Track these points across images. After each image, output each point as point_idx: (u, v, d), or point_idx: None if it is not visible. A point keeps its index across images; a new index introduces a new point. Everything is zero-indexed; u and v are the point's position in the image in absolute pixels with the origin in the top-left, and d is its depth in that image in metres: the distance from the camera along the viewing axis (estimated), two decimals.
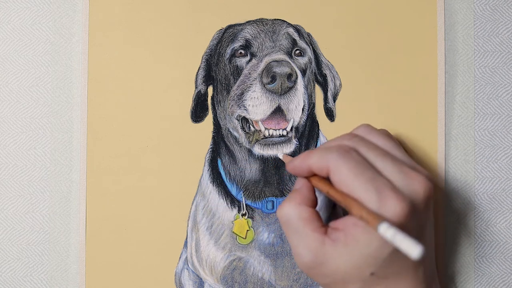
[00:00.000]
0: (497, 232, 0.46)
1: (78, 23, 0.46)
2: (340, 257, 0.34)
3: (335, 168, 0.35)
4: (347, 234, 0.34)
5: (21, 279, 0.46)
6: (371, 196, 0.33)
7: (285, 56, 0.45)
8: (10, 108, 0.46)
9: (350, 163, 0.35)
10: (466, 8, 0.47)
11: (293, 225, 0.36)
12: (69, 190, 0.46)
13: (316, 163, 0.36)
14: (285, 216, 0.37)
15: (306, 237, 0.35)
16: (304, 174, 0.38)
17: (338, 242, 0.35)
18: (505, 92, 0.47)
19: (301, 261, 0.36)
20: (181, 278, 0.46)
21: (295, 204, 0.37)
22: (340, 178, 0.35)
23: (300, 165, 0.38)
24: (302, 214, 0.36)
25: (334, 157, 0.35)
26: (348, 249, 0.34)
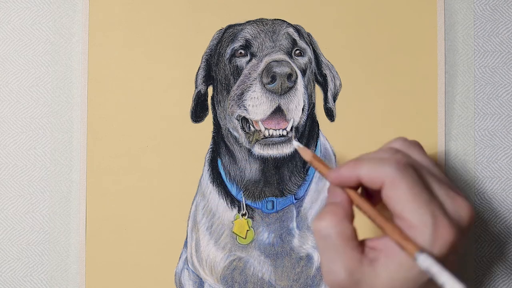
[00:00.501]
0: (497, 232, 0.46)
1: (78, 23, 0.46)
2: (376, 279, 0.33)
3: (392, 183, 0.33)
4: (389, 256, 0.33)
5: (21, 279, 0.46)
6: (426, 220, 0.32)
7: (285, 56, 0.45)
8: (10, 108, 0.46)
9: (409, 180, 0.33)
10: (466, 8, 0.47)
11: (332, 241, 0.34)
12: (69, 190, 0.46)
13: (369, 174, 0.34)
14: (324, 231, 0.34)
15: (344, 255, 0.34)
16: (349, 184, 0.35)
17: (377, 263, 0.33)
18: (505, 92, 0.47)
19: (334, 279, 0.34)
20: (181, 278, 0.46)
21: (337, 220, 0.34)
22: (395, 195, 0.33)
23: (348, 174, 0.35)
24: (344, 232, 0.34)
25: (392, 170, 0.33)
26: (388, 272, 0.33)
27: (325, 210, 0.35)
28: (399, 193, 0.33)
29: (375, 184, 0.34)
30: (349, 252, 0.34)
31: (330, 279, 0.34)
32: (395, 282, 0.33)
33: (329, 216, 0.35)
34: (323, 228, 0.34)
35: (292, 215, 0.46)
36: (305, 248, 0.46)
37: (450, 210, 0.34)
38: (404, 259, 0.33)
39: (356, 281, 0.33)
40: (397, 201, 0.33)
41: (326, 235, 0.34)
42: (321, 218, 0.35)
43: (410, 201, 0.33)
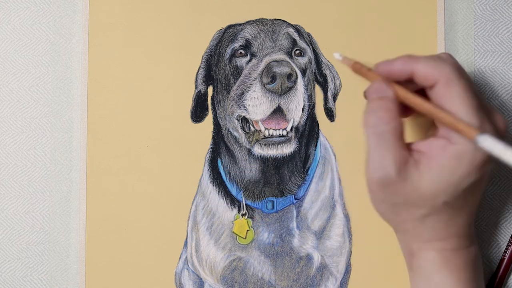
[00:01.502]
0: (497, 232, 0.46)
1: (78, 23, 0.46)
2: (420, 180, 0.34)
3: (448, 82, 0.33)
4: (432, 158, 0.34)
5: (21, 279, 0.46)
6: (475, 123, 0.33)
7: (285, 56, 0.45)
8: (10, 108, 0.46)
9: (465, 83, 0.34)
10: (466, 8, 0.47)
11: (386, 138, 0.34)
12: (69, 190, 0.46)
13: (425, 69, 0.34)
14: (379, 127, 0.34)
15: (395, 152, 0.34)
16: (398, 78, 0.35)
17: (421, 164, 0.34)
18: (505, 92, 0.47)
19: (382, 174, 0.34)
20: (181, 278, 0.46)
21: (391, 116, 0.34)
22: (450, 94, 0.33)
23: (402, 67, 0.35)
24: (397, 129, 0.34)
25: (450, 70, 0.34)
26: (431, 174, 0.34)
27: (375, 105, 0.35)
28: (454, 93, 0.33)
29: (428, 81, 0.34)
30: (400, 150, 0.34)
31: (377, 174, 0.34)
32: (436, 185, 0.34)
33: (383, 111, 0.35)
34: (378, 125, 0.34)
35: (292, 215, 0.46)
36: (305, 248, 0.46)
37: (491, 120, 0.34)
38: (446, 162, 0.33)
39: (403, 179, 0.34)
40: (449, 100, 0.33)
41: (380, 132, 0.34)
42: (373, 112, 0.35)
43: (463, 102, 0.33)
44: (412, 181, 0.34)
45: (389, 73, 0.36)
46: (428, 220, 0.35)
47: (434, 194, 0.34)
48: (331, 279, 0.46)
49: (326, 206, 0.46)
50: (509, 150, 0.30)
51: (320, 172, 0.46)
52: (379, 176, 0.34)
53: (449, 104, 0.33)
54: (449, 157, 0.33)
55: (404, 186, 0.34)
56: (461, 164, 0.33)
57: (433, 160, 0.34)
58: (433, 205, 0.34)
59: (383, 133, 0.34)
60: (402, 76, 0.36)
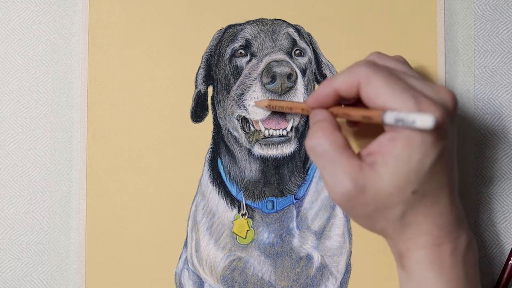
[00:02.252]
0: (497, 232, 0.46)
1: (78, 23, 0.46)
2: (380, 180, 0.33)
3: (367, 80, 0.34)
4: (385, 153, 0.34)
5: (21, 279, 0.46)
6: (409, 104, 0.33)
7: (285, 56, 0.45)
8: (10, 108, 0.46)
9: (383, 73, 0.34)
10: (466, 8, 0.47)
11: (329, 154, 0.34)
12: (69, 190, 0.46)
13: (344, 82, 0.35)
14: (319, 146, 0.35)
15: (343, 165, 0.34)
16: (329, 101, 0.36)
17: (376, 164, 0.34)
18: (505, 92, 0.47)
19: (340, 192, 0.34)
20: (181, 278, 0.46)
21: (327, 133, 0.35)
22: (373, 90, 0.34)
23: (325, 90, 0.36)
24: (337, 142, 0.35)
25: (364, 70, 0.34)
26: (388, 169, 0.33)
27: (312, 129, 0.36)
28: (375, 88, 0.34)
29: (352, 89, 0.35)
30: (348, 160, 0.34)
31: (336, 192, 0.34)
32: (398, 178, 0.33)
33: (318, 132, 0.35)
34: (317, 144, 0.35)
35: (292, 215, 0.46)
36: (305, 248, 0.46)
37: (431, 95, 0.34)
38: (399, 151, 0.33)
39: (362, 188, 0.34)
40: (376, 95, 0.34)
41: (321, 151, 0.35)
42: (311, 136, 0.36)
43: (388, 91, 0.33)
44: (373, 185, 0.33)
45: (319, 103, 0.37)
46: (406, 218, 0.35)
47: (399, 187, 0.33)
48: (331, 279, 0.46)
49: (326, 206, 0.46)
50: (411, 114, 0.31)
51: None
52: (339, 194, 0.34)
53: (378, 99, 0.34)
54: (400, 145, 0.33)
55: (366, 194, 0.34)
56: (413, 148, 0.33)
57: (386, 155, 0.33)
58: (404, 199, 0.34)
59: (324, 151, 0.35)
60: (330, 99, 0.36)
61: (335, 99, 0.36)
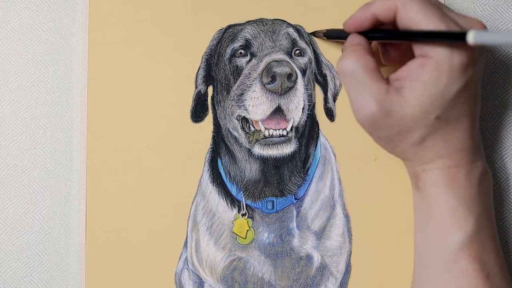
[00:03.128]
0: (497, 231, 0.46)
1: (78, 23, 0.46)
2: (406, 104, 0.35)
3: (404, 5, 0.35)
4: (413, 79, 0.35)
5: (21, 279, 0.46)
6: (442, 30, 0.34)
7: (285, 56, 0.45)
8: (10, 108, 0.46)
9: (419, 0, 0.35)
10: (466, 8, 0.47)
11: (357, 75, 0.36)
12: (69, 190, 0.46)
13: (382, 5, 0.36)
14: (348, 66, 0.36)
15: (371, 87, 0.35)
16: (366, 25, 0.38)
17: (403, 89, 0.35)
18: (505, 92, 0.47)
19: (366, 113, 0.35)
20: (181, 278, 0.46)
21: (359, 54, 0.36)
22: (409, 16, 0.35)
23: (363, 14, 0.38)
24: (367, 64, 0.36)
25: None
26: (415, 93, 0.34)
27: (345, 51, 0.37)
28: (412, 13, 0.35)
29: (389, 12, 0.36)
30: (375, 83, 0.35)
31: (362, 114, 0.36)
32: (424, 102, 0.34)
33: (350, 53, 0.36)
34: (347, 65, 0.36)
35: (292, 215, 0.46)
36: (305, 248, 0.46)
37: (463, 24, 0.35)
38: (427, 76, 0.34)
39: (387, 111, 0.35)
40: (412, 20, 0.35)
41: (350, 71, 0.36)
42: (343, 57, 0.37)
43: (423, 18, 0.34)
44: (398, 108, 0.35)
45: (356, 26, 0.38)
46: (426, 141, 0.36)
47: (424, 112, 0.35)
48: (331, 279, 0.46)
49: (326, 206, 0.46)
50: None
51: (320, 172, 0.46)
52: (363, 115, 0.36)
53: (412, 24, 0.35)
54: (429, 71, 0.34)
55: (391, 116, 0.35)
56: (441, 73, 0.34)
57: (414, 80, 0.35)
58: (426, 123, 0.35)
59: (353, 72, 0.36)
60: (367, 23, 0.38)
61: (372, 22, 0.37)
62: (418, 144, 0.36)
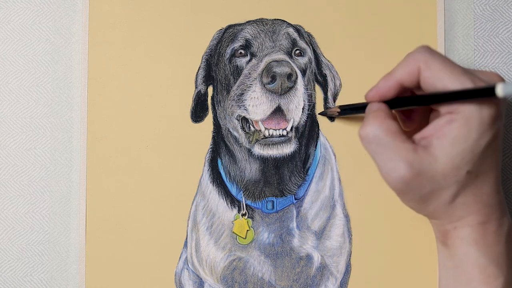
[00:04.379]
0: None
1: (78, 23, 0.46)
2: (435, 161, 0.34)
3: (427, 65, 0.35)
4: (441, 136, 0.34)
5: (21, 279, 0.46)
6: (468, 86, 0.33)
7: (285, 56, 0.45)
8: (10, 108, 0.46)
9: (440, 57, 0.35)
10: (466, 8, 0.47)
11: (382, 140, 0.35)
12: (69, 190, 0.46)
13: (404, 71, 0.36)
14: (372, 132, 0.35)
15: (398, 149, 0.34)
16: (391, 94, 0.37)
17: (431, 147, 0.34)
18: None
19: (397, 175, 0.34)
20: (181, 278, 0.46)
21: (380, 120, 0.36)
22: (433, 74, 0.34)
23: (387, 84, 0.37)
24: (390, 128, 0.35)
25: (422, 55, 0.35)
26: (444, 149, 0.34)
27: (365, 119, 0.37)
28: (436, 70, 0.34)
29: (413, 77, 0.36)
30: (402, 145, 0.35)
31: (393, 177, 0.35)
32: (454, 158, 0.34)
33: (371, 120, 0.36)
34: (370, 131, 0.36)
35: (292, 215, 0.46)
36: (305, 248, 0.46)
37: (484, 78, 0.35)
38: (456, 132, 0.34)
39: (418, 171, 0.34)
40: (436, 79, 0.34)
41: (374, 137, 0.35)
42: (364, 125, 0.36)
43: (447, 74, 0.34)
44: (429, 167, 0.34)
45: (380, 97, 0.38)
46: (458, 198, 0.35)
47: (455, 168, 0.34)
48: (331, 279, 0.46)
49: (326, 206, 0.46)
50: None
51: (320, 172, 0.46)
52: (394, 178, 0.35)
53: (438, 82, 0.35)
54: (458, 126, 0.34)
55: (422, 176, 0.34)
56: (471, 128, 0.34)
57: (442, 137, 0.34)
58: (458, 180, 0.34)
59: (377, 137, 0.35)
60: (392, 92, 0.37)
61: (397, 90, 0.37)
62: (450, 202, 0.35)
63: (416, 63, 0.35)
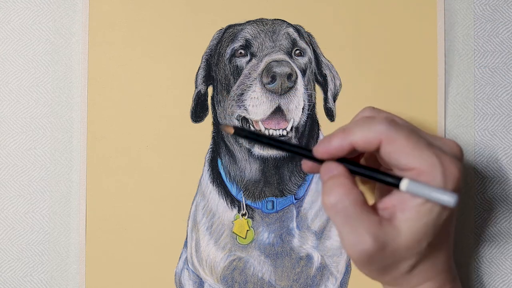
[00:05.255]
0: (497, 232, 0.46)
1: (78, 23, 0.46)
2: (399, 235, 0.33)
3: (389, 139, 0.34)
4: (404, 209, 0.33)
5: (21, 279, 0.46)
6: (434, 162, 0.33)
7: (285, 56, 0.45)
8: (10, 108, 0.46)
9: (404, 131, 0.34)
10: (466, 8, 0.47)
11: (349, 212, 0.34)
12: (69, 190, 0.46)
13: (363, 137, 0.34)
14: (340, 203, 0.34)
15: (364, 222, 0.33)
16: (342, 153, 0.35)
17: (395, 220, 0.34)
18: (505, 92, 0.47)
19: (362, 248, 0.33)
20: (181, 278, 0.46)
21: (346, 189, 0.34)
22: (396, 149, 0.33)
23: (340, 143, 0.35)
24: (357, 199, 0.34)
25: (384, 127, 0.34)
26: (408, 223, 0.33)
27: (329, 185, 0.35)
28: (399, 146, 0.33)
29: (371, 145, 0.34)
30: (368, 217, 0.34)
31: (357, 250, 0.34)
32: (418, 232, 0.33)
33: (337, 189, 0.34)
34: (338, 202, 0.34)
35: (292, 215, 0.46)
36: (305, 248, 0.46)
37: (446, 150, 0.35)
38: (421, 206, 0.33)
39: (382, 245, 0.33)
40: (399, 154, 0.34)
41: (342, 208, 0.34)
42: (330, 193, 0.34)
43: (412, 150, 0.33)
44: (392, 240, 0.33)
45: (329, 154, 0.36)
46: (417, 268, 0.35)
47: (417, 241, 0.34)
48: (331, 279, 0.46)
49: None
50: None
51: None
52: (359, 251, 0.34)
53: (400, 159, 0.34)
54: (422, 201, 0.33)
55: (386, 249, 0.34)
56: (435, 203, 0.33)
57: (406, 210, 0.34)
58: (419, 251, 0.34)
59: (346, 209, 0.34)
60: (343, 152, 0.35)
61: (348, 152, 0.35)
62: (408, 272, 0.35)
63: (378, 134, 0.34)
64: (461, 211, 0.46)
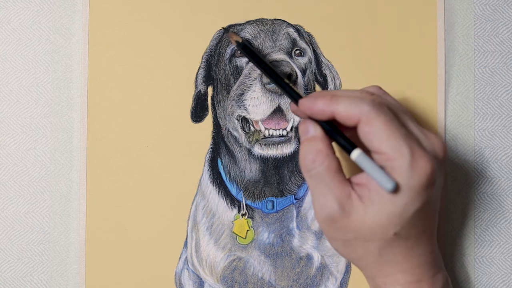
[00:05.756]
0: (497, 232, 0.46)
1: (78, 23, 0.46)
2: (365, 214, 0.34)
3: (368, 120, 0.34)
4: (372, 191, 0.34)
5: (21, 279, 0.46)
6: (404, 152, 0.33)
7: (285, 56, 0.45)
8: (10, 108, 0.46)
9: (385, 117, 0.34)
10: (466, 8, 0.47)
11: (322, 177, 0.35)
12: (69, 190, 0.46)
13: (345, 111, 0.35)
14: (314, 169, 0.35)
15: (335, 188, 0.34)
16: (322, 118, 0.36)
17: (364, 198, 0.34)
18: (505, 92, 0.47)
19: (327, 212, 0.34)
20: (181, 278, 0.46)
21: (323, 155, 0.35)
22: (371, 131, 0.34)
23: (323, 107, 0.35)
24: (332, 165, 0.35)
25: (368, 108, 0.34)
26: (374, 207, 0.34)
27: (306, 147, 0.36)
28: (375, 129, 0.34)
29: (351, 121, 0.35)
30: (339, 186, 0.35)
31: (322, 212, 0.35)
32: (382, 218, 0.34)
33: (314, 154, 0.35)
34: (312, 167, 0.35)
35: (292, 215, 0.46)
36: (305, 248, 0.46)
37: (425, 145, 0.35)
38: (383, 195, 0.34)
39: (347, 213, 0.34)
40: (374, 136, 0.34)
41: (316, 173, 0.35)
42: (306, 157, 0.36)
43: (386, 136, 0.34)
44: (358, 215, 0.34)
45: (311, 112, 0.36)
46: (385, 254, 0.35)
47: (382, 227, 0.34)
48: (331, 279, 0.46)
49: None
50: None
51: None
52: (324, 214, 0.35)
53: (374, 142, 0.34)
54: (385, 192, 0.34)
55: (350, 221, 0.34)
56: (400, 193, 0.33)
57: (373, 192, 0.34)
58: (384, 238, 0.34)
59: (319, 174, 0.35)
60: (323, 117, 0.36)
61: (328, 118, 0.36)
62: (376, 254, 0.35)
63: (359, 112, 0.34)
64: (461, 211, 0.46)
